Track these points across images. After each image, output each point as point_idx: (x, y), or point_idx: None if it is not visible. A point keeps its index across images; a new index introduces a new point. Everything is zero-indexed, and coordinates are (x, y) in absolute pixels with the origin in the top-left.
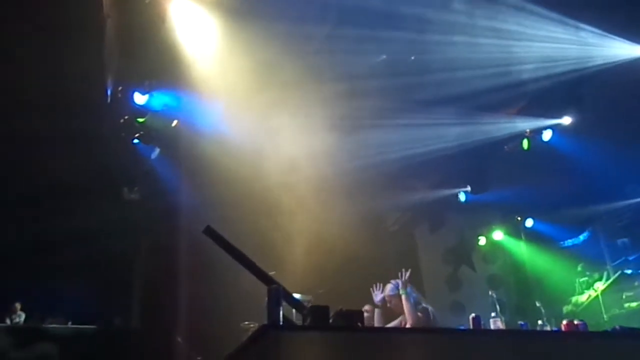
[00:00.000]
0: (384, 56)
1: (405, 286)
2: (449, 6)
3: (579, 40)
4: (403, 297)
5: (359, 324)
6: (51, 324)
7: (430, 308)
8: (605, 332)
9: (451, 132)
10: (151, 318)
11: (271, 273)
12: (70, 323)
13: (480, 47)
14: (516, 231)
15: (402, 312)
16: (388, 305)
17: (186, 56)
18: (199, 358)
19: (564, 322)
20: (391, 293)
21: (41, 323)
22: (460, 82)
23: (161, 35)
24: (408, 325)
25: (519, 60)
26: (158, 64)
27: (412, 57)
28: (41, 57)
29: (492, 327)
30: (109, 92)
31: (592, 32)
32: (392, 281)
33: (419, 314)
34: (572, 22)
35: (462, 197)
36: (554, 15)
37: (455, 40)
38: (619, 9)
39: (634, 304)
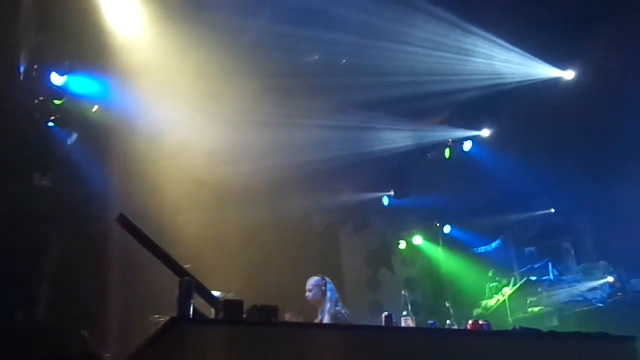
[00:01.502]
0: (317, 56)
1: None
2: (384, 13)
3: (501, 57)
4: (328, 294)
5: (274, 319)
6: None
7: (345, 312)
8: (506, 331)
9: (378, 137)
10: (58, 312)
11: (186, 266)
12: None
13: (410, 56)
14: (434, 236)
15: (318, 306)
16: (307, 294)
17: (112, 39)
18: (107, 355)
19: (470, 322)
20: (314, 283)
21: None
22: (389, 87)
23: (86, 15)
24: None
25: (445, 71)
26: (80, 44)
27: (344, 60)
28: None
29: (402, 324)
30: (21, 69)
31: (513, 50)
32: (322, 275)
33: (338, 315)
34: (495, 39)
35: (385, 200)
36: (479, 31)
37: (388, 47)
38: (538, 31)
39: (536, 309)
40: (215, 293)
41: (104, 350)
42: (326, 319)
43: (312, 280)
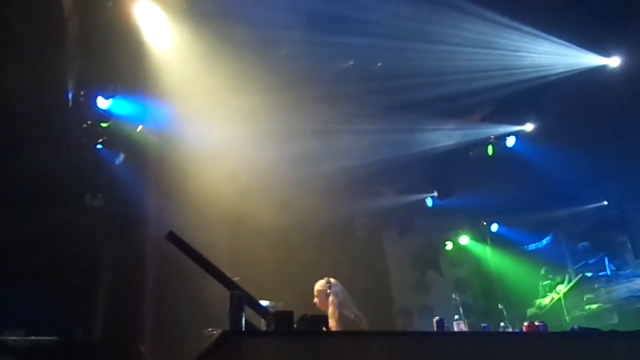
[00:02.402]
0: (352, 62)
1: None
2: (416, 14)
3: (540, 49)
4: (330, 297)
5: (324, 329)
6: (9, 336)
7: (354, 314)
8: (564, 332)
9: (418, 138)
10: (114, 328)
11: (235, 279)
12: (29, 335)
13: (446, 55)
14: (482, 236)
15: (325, 310)
16: (314, 300)
17: (151, 61)
18: None
19: (525, 323)
20: (318, 288)
21: None
22: (427, 88)
23: (125, 39)
24: (332, 328)
25: (483, 68)
26: (122, 68)
27: (379, 64)
28: None
29: (455, 329)
30: (70, 96)
31: (552, 41)
32: (327, 279)
33: (345, 318)
34: (534, 31)
35: (429, 202)
36: (517, 24)
37: (423, 48)
38: (579, 18)
39: (594, 306)
40: (264, 303)
41: None
42: (331, 324)
43: (317, 286)
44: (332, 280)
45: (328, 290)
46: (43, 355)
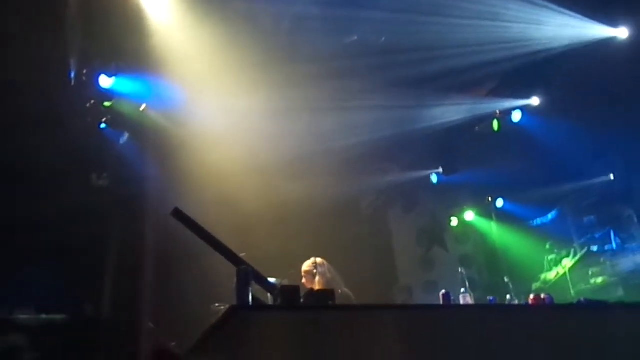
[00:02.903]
0: (355, 37)
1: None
2: None
3: (546, 21)
4: (317, 278)
5: (330, 302)
6: (20, 314)
7: (346, 292)
8: (570, 304)
9: (423, 114)
10: (122, 305)
11: (241, 255)
12: (39, 313)
13: (449, 28)
14: (487, 211)
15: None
16: (303, 280)
17: (154, 38)
18: (173, 343)
19: (531, 296)
20: (305, 269)
21: (10, 314)
22: (431, 62)
23: (127, 16)
24: None
25: (488, 40)
26: (124, 46)
27: (383, 38)
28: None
29: (461, 302)
30: (72, 75)
31: (559, 12)
32: (314, 259)
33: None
34: (540, 2)
35: (434, 178)
36: None
37: (425, 21)
38: None
39: (599, 280)
40: (271, 280)
41: (169, 340)
42: None
43: (304, 266)
44: (318, 260)
45: (314, 271)
46: (53, 332)
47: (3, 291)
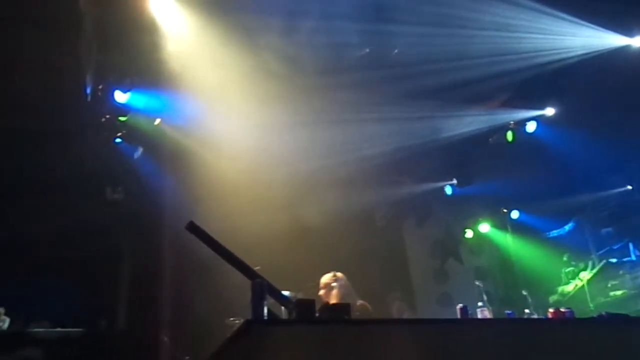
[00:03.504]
0: (367, 49)
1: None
2: None
3: (560, 31)
4: (334, 291)
5: (346, 317)
6: (36, 328)
7: (364, 304)
8: (592, 318)
9: (436, 125)
10: (137, 318)
11: (256, 268)
12: (54, 327)
13: (462, 39)
14: (502, 223)
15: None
16: (320, 292)
17: (167, 53)
18: (186, 358)
19: (551, 310)
20: (323, 281)
21: (26, 327)
22: (444, 74)
23: (141, 32)
24: None
25: (502, 51)
26: (138, 61)
27: (396, 50)
28: (17, 53)
29: (479, 316)
30: (88, 90)
31: (572, 21)
32: (334, 272)
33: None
34: (552, 12)
35: (448, 190)
36: (533, 4)
37: (439, 32)
38: None
39: (618, 292)
40: (285, 293)
41: (183, 354)
42: None
43: (322, 279)
44: (338, 274)
45: (333, 284)
46: (69, 346)
47: (19, 304)
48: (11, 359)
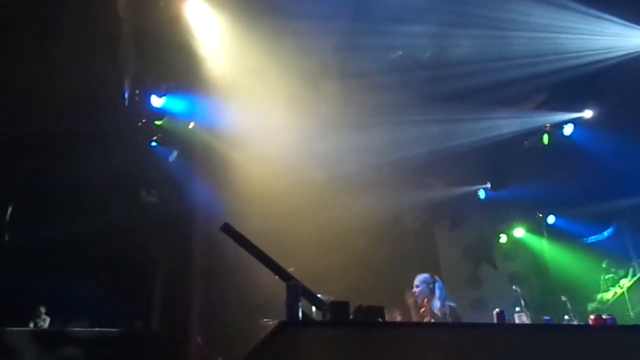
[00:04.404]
0: (400, 52)
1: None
2: None
3: (599, 31)
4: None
5: (380, 319)
6: (75, 327)
7: (454, 306)
8: (635, 325)
9: (469, 128)
10: (171, 320)
11: (290, 269)
12: (93, 327)
13: (497, 41)
14: (538, 228)
15: (425, 302)
16: (414, 290)
17: (202, 58)
18: (220, 359)
19: (592, 316)
20: (422, 279)
21: (65, 327)
22: (478, 76)
23: (176, 37)
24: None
25: (538, 53)
26: (173, 66)
27: (428, 53)
28: (58, 59)
29: (516, 322)
30: (126, 95)
31: (612, 21)
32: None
33: (445, 311)
34: (591, 11)
35: (481, 194)
36: (572, 4)
37: (472, 34)
38: None
39: None
40: (318, 295)
41: (217, 355)
42: (439, 317)
43: (421, 277)
44: (436, 276)
45: (432, 285)
46: (106, 346)
47: (59, 304)
48: (52, 358)
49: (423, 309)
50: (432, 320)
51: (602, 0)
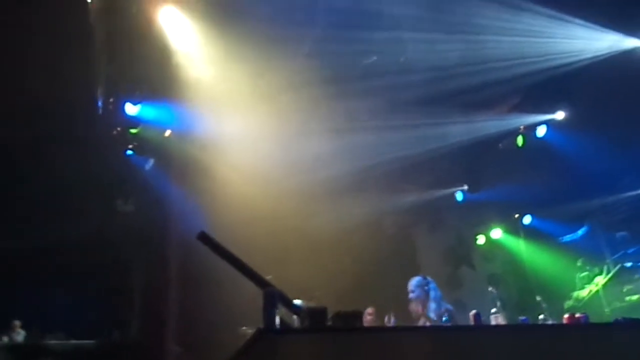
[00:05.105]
0: (375, 57)
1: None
2: (438, 4)
3: (569, 34)
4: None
5: (358, 325)
6: (51, 340)
7: (451, 309)
8: (608, 323)
9: (445, 132)
10: (150, 329)
11: (267, 277)
12: (69, 339)
13: (471, 45)
14: (514, 229)
15: (422, 306)
16: (410, 295)
17: (176, 65)
18: None
19: (566, 315)
20: (416, 284)
21: (41, 340)
22: (451, 80)
23: (150, 44)
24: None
25: (511, 56)
26: (148, 73)
27: (402, 58)
28: (30, 62)
29: (492, 323)
30: (100, 103)
31: (581, 25)
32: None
33: (444, 313)
34: (561, 16)
35: (458, 196)
36: (542, 9)
37: (445, 39)
38: (607, 1)
39: (634, 297)
40: (297, 301)
41: None
42: (434, 319)
43: (414, 281)
44: (428, 277)
45: (426, 287)
46: (83, 357)
47: (34, 317)
48: None
49: (419, 314)
50: (428, 324)
51: (572, 5)
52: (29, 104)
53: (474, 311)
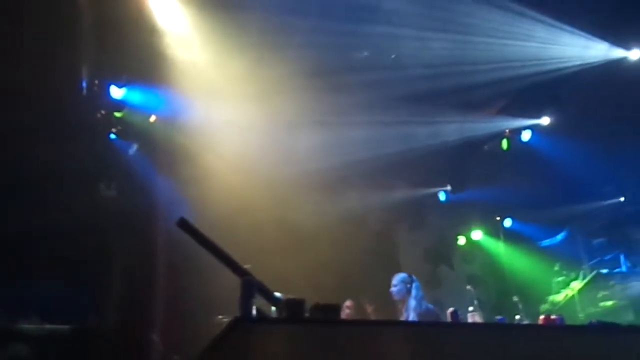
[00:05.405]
0: (366, 52)
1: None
2: (432, 2)
3: (559, 41)
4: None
5: (336, 317)
6: (24, 324)
7: (434, 309)
8: (582, 325)
9: (432, 131)
10: (127, 316)
11: (246, 266)
12: (43, 323)
13: (462, 45)
14: (495, 231)
15: (402, 302)
16: (392, 289)
17: (165, 50)
18: (175, 357)
19: (541, 317)
20: (400, 279)
21: (13, 324)
22: (441, 79)
23: (139, 28)
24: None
25: (499, 59)
26: (135, 57)
27: (393, 55)
28: (12, 45)
29: (469, 320)
30: (84, 85)
31: (572, 33)
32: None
33: (427, 313)
34: (551, 22)
35: (442, 196)
36: (532, 13)
37: (438, 37)
38: (598, 9)
39: (609, 303)
40: (276, 294)
41: (173, 353)
42: (412, 317)
43: (398, 277)
44: (413, 276)
45: (409, 285)
46: (57, 342)
47: (7, 300)
48: None
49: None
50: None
51: (563, 13)
52: (10, 85)
53: (451, 309)
